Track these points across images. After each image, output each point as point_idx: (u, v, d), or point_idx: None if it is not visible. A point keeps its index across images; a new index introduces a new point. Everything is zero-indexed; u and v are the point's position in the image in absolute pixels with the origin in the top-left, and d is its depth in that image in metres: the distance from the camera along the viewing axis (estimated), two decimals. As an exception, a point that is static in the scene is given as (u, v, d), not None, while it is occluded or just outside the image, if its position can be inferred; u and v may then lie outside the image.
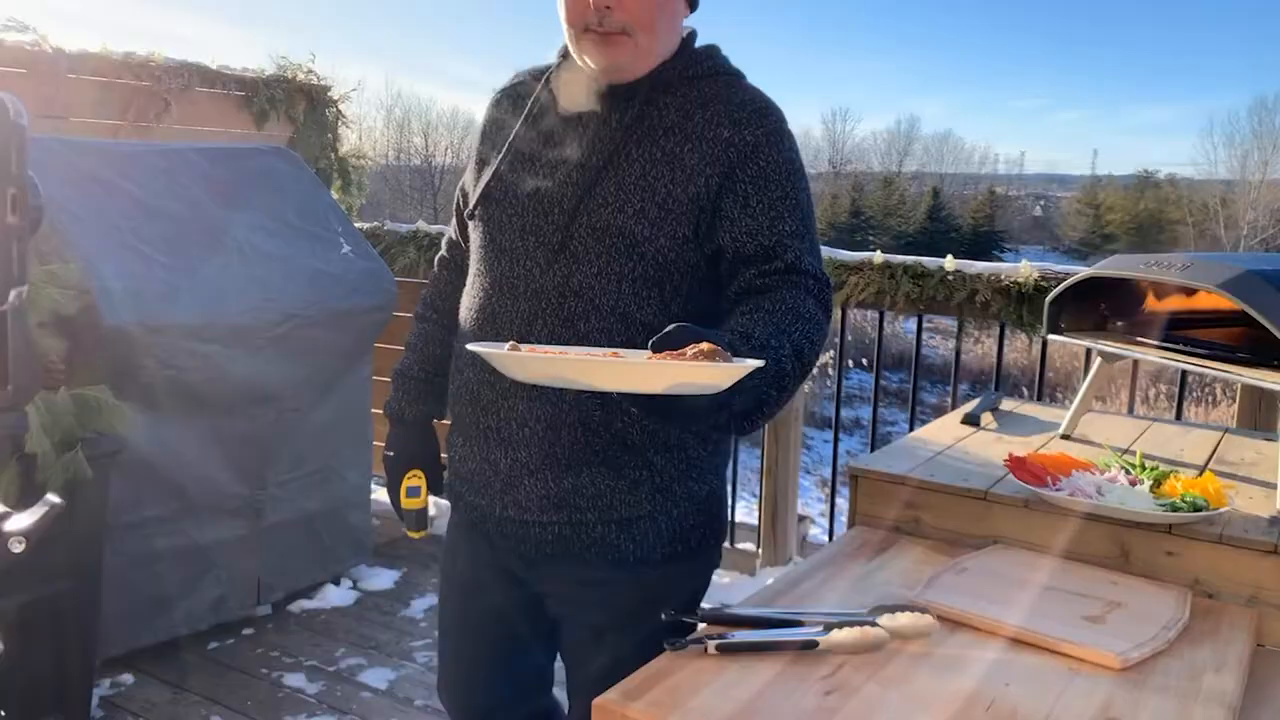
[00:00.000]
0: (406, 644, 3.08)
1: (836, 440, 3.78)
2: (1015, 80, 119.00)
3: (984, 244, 45.24)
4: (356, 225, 4.12)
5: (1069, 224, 47.91)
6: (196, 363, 2.75)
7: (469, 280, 1.55)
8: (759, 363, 1.09)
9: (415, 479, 1.64)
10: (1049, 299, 1.94)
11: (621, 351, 1.22)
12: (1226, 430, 2.12)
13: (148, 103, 3.67)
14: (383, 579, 3.52)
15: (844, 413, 3.42)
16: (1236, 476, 1.78)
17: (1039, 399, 2.91)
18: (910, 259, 3.03)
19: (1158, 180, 50.20)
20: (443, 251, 1.74)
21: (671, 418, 1.11)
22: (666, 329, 1.09)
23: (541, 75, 1.53)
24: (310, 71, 4.15)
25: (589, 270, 1.39)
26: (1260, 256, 1.73)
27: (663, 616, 1.35)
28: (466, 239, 1.62)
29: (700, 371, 1.02)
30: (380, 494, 4.25)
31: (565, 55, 1.50)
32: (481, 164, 1.56)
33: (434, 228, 4.06)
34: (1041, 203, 54.88)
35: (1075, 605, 1.41)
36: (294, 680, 2.86)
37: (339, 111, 4.24)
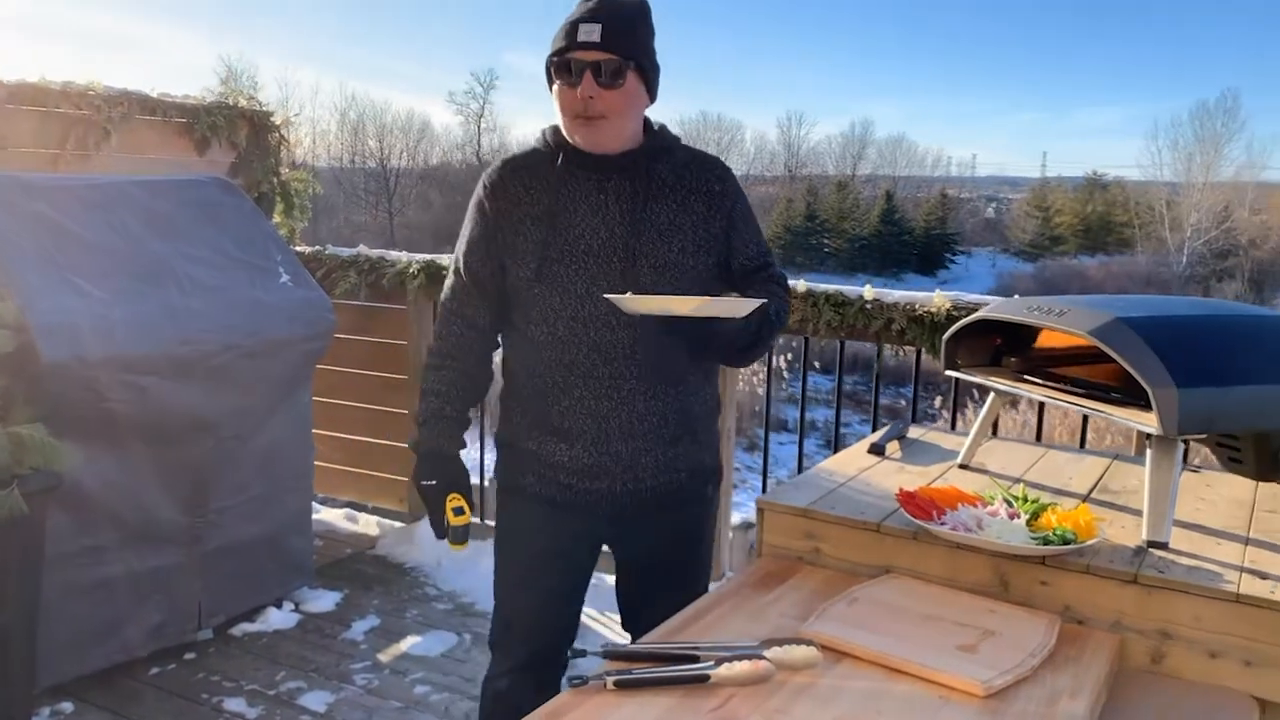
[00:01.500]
0: (346, 666, 3.15)
1: (767, 448, 3.89)
2: (967, 84, 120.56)
3: (936, 246, 45.86)
4: (298, 249, 4.17)
5: (1019, 226, 48.65)
6: (135, 395, 2.79)
7: (542, 328, 1.91)
8: (764, 300, 1.82)
9: (457, 500, 1.97)
10: (945, 337, 2.06)
11: None
12: (1116, 457, 2.25)
13: (87, 131, 3.70)
14: (324, 601, 3.57)
15: (805, 415, 3.57)
16: (1115, 505, 1.91)
17: (953, 426, 3.04)
18: (832, 288, 3.15)
19: (1105, 182, 51.16)
20: (455, 307, 2.01)
21: (718, 331, 1.81)
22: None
23: (530, 159, 1.95)
24: (253, 98, 4.19)
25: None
26: (1134, 301, 1.85)
27: (568, 654, 1.48)
28: (489, 299, 1.98)
29: (735, 304, 1.78)
30: (321, 515, 4.30)
31: (552, 139, 1.93)
32: (510, 238, 1.92)
33: (374, 252, 4.12)
34: (993, 205, 55.74)
35: (952, 634, 1.52)
36: (234, 704, 2.91)
37: (282, 136, 4.28)
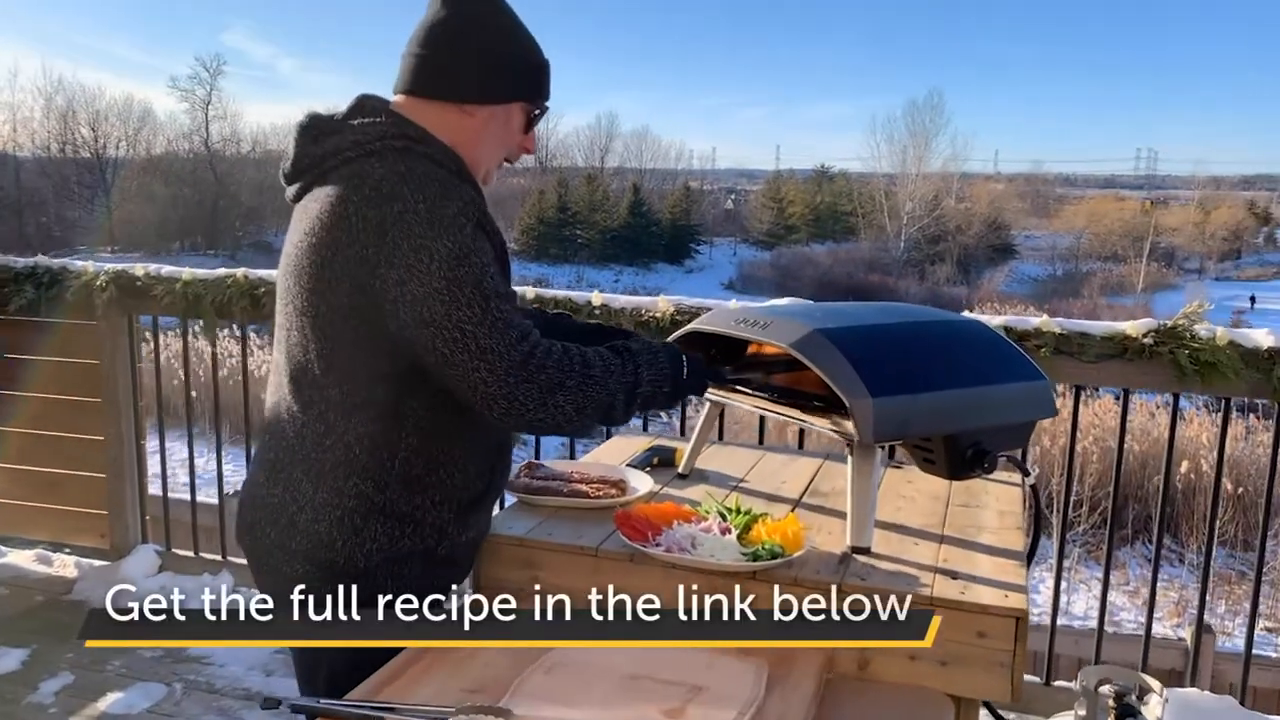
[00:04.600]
0: (33, 734, 2.79)
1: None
2: (705, 78, 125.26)
3: (683, 237, 47.52)
4: (-38, 261, 3.66)
5: (756, 217, 51.26)
6: None
7: None
8: None
9: None
10: (661, 349, 2.03)
11: None
12: (827, 457, 2.32)
13: None
14: (6, 660, 3.14)
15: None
16: (824, 509, 1.95)
17: (682, 431, 3.07)
18: (562, 294, 3.11)
19: (832, 174, 54.83)
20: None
21: None
22: None
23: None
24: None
25: None
26: (832, 310, 1.90)
27: (260, 707, 1.34)
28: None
29: None
30: (7, 559, 3.83)
31: (457, 170, 1.62)
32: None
33: (55, 262, 3.66)
34: (732, 196, 58.28)
35: (657, 697, 1.41)
36: (-113, 797, 2.51)
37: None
